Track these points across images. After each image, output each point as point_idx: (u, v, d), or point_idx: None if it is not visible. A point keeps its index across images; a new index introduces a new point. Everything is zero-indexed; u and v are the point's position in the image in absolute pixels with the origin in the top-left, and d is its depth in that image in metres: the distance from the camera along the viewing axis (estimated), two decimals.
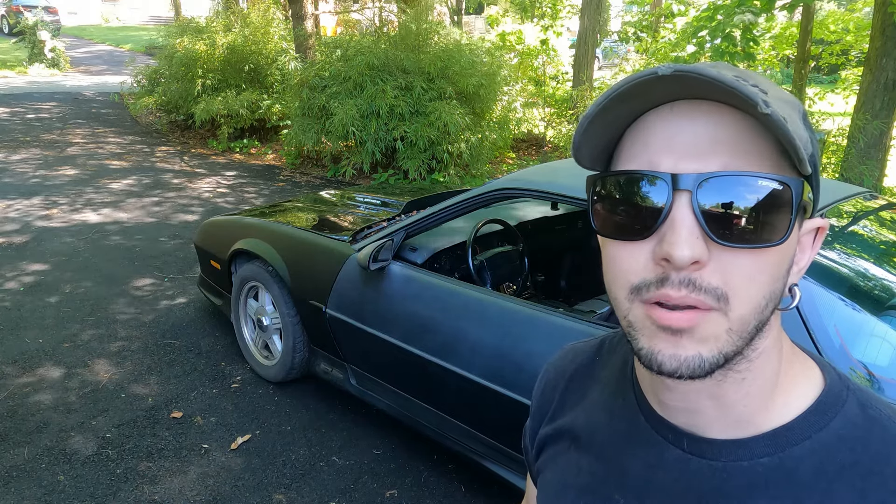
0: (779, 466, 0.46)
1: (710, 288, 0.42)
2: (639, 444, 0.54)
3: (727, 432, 0.48)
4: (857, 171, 5.09)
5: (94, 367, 3.03)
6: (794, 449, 0.47)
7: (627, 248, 0.45)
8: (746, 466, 0.47)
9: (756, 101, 0.38)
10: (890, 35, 4.85)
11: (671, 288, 0.42)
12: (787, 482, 0.46)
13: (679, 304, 0.42)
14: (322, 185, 6.76)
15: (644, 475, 0.53)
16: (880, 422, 0.47)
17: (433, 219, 2.34)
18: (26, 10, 16.11)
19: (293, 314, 2.74)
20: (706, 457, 0.49)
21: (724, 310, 0.42)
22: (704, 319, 0.42)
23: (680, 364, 0.43)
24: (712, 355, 0.43)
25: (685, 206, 0.42)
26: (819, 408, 0.48)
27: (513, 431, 2.04)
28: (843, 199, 2.02)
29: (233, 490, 2.29)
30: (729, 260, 0.42)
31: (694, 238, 0.41)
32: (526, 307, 2.00)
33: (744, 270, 0.42)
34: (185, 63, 8.18)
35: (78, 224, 5.12)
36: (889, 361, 1.52)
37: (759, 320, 0.44)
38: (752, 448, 0.47)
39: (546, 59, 9.55)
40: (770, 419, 0.48)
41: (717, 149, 0.42)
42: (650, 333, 0.44)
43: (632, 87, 0.42)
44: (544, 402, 0.67)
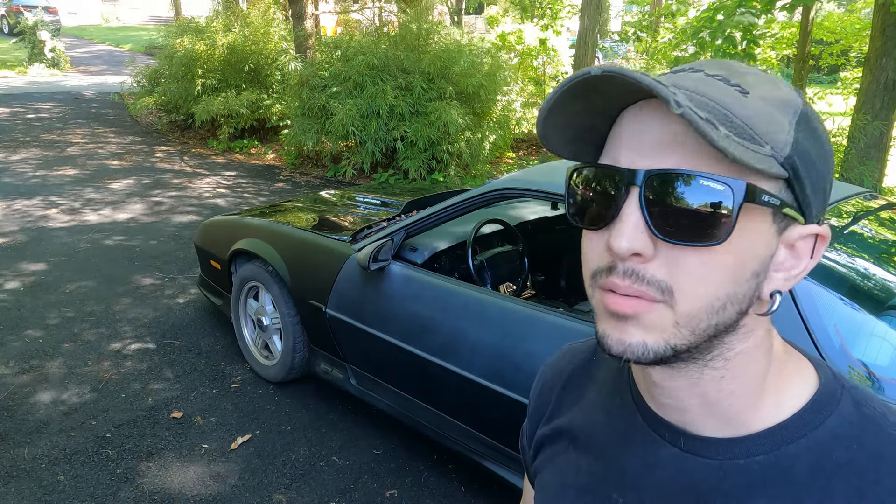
0: (775, 465, 0.47)
1: (653, 280, 0.43)
2: (637, 443, 0.54)
3: (721, 430, 0.49)
4: (857, 171, 5.09)
5: (95, 367, 3.03)
6: (789, 447, 0.47)
7: (591, 237, 0.47)
8: (743, 465, 0.47)
9: (668, 100, 0.39)
10: (890, 35, 4.85)
11: (616, 277, 0.44)
12: (785, 481, 0.46)
13: (624, 293, 0.44)
14: (322, 185, 6.76)
15: (643, 474, 0.53)
16: (875, 420, 0.47)
17: (433, 219, 2.34)
18: (26, 10, 16.12)
19: (293, 314, 2.75)
20: (702, 455, 0.49)
21: (670, 303, 0.43)
22: (649, 309, 0.44)
23: (625, 349, 0.45)
24: (658, 345, 0.44)
25: (634, 201, 0.43)
26: (814, 406, 0.48)
27: (513, 431, 2.04)
28: (843, 199, 2.02)
29: (233, 490, 2.29)
30: (675, 256, 0.43)
31: (638, 232, 0.43)
32: (526, 307, 2.00)
33: (690, 268, 0.43)
34: (185, 63, 8.18)
35: (78, 224, 5.12)
36: (889, 361, 1.52)
37: (716, 321, 0.44)
38: (747, 446, 0.48)
39: (546, 59, 9.56)
40: (763, 418, 0.48)
41: (672, 145, 0.43)
42: (603, 318, 0.46)
43: (573, 86, 0.44)
44: (541, 402, 0.67)
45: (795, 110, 0.45)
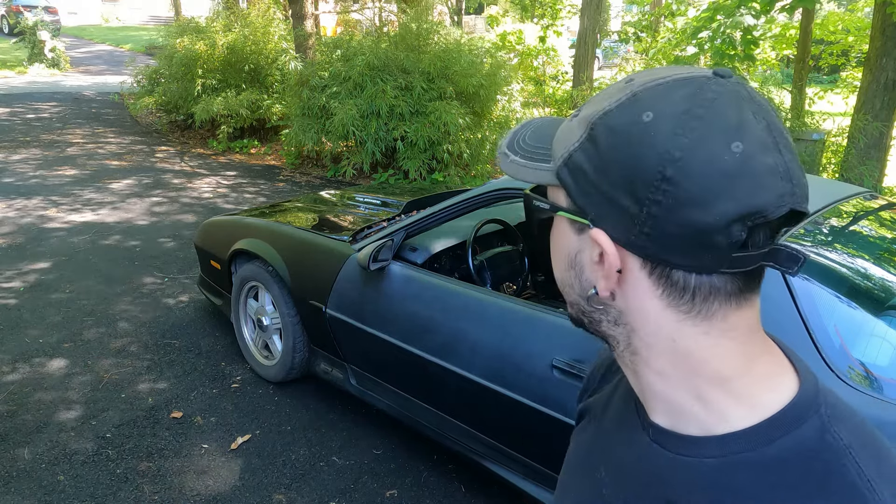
0: (720, 469, 0.47)
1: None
2: (626, 426, 0.57)
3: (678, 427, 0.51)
4: (857, 171, 5.09)
5: (95, 367, 3.03)
6: (736, 456, 0.47)
7: None
8: (691, 462, 0.49)
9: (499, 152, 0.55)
10: (890, 35, 4.85)
11: None
12: (723, 487, 0.47)
13: None
14: (322, 185, 6.76)
15: (622, 454, 0.56)
16: (834, 449, 0.45)
17: (433, 219, 2.34)
18: (26, 10, 16.12)
19: (293, 314, 2.74)
20: (663, 446, 0.51)
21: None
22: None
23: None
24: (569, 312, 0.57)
25: None
26: (774, 423, 0.47)
27: (513, 431, 2.04)
28: (843, 200, 2.02)
29: (233, 490, 2.29)
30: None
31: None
32: (526, 307, 2.00)
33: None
34: (185, 63, 8.18)
35: (78, 224, 5.12)
36: (889, 361, 1.52)
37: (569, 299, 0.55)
38: (700, 447, 0.49)
39: (546, 59, 9.56)
40: (727, 423, 0.48)
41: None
42: None
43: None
44: (589, 381, 0.73)
45: (588, 125, 0.47)
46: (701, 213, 0.42)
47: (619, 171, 0.45)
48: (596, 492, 0.58)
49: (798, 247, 1.69)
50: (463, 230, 2.63)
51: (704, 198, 0.42)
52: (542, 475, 1.98)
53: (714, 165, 0.42)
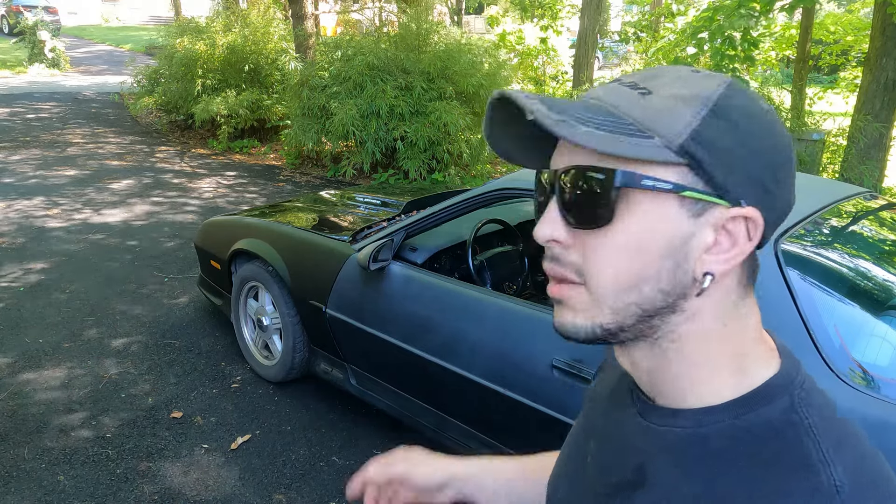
0: (689, 438, 0.50)
1: (568, 262, 0.50)
2: (617, 403, 0.60)
3: (665, 401, 0.53)
4: (857, 171, 5.09)
5: (95, 367, 3.03)
6: (707, 428, 0.50)
7: None
8: (664, 431, 0.52)
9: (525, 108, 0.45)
10: (890, 35, 4.85)
11: (546, 261, 0.52)
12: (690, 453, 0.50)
13: (553, 276, 0.51)
14: (322, 185, 6.76)
15: (609, 427, 0.60)
16: (796, 425, 0.48)
17: (433, 219, 2.34)
18: (26, 10, 16.12)
19: (293, 314, 2.75)
20: (645, 418, 0.55)
21: (587, 284, 0.49)
22: (573, 292, 0.50)
23: (562, 329, 0.52)
24: (585, 325, 0.50)
25: (555, 195, 0.51)
26: (745, 400, 0.50)
27: (513, 431, 2.04)
28: (843, 199, 2.02)
29: (233, 490, 2.29)
30: (583, 241, 0.49)
31: (554, 221, 0.50)
32: (526, 307, 2.00)
33: (595, 250, 0.49)
34: (185, 63, 8.18)
35: (78, 224, 5.12)
36: (889, 361, 1.52)
37: (634, 299, 0.48)
38: (675, 417, 0.52)
39: (546, 59, 9.56)
40: (702, 400, 0.51)
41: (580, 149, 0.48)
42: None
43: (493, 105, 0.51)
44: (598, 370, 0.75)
45: (705, 104, 0.47)
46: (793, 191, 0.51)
47: (765, 152, 0.48)
48: (581, 460, 0.62)
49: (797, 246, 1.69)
50: (463, 230, 2.63)
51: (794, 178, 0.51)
52: None
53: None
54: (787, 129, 4.29)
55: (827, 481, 0.44)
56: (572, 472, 0.63)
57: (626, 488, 0.53)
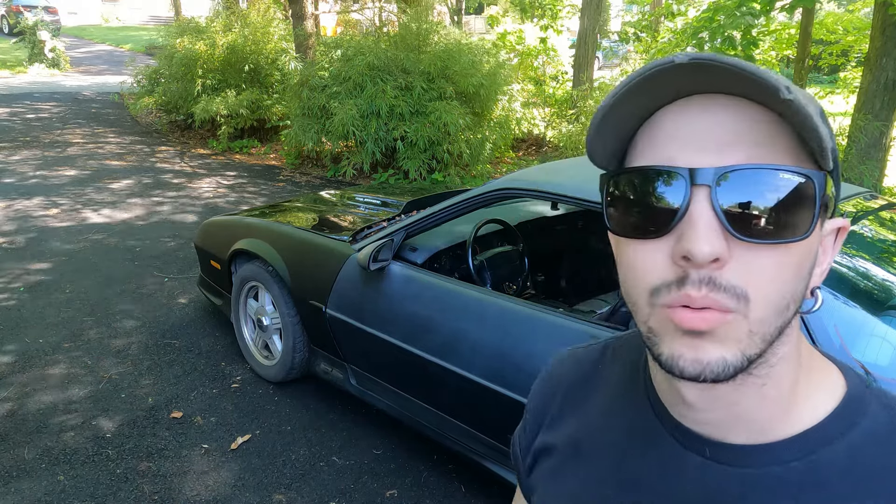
0: (809, 470, 0.45)
1: (729, 286, 0.40)
2: (655, 451, 0.52)
3: (749, 438, 0.47)
4: (857, 171, 5.09)
5: (95, 367, 3.03)
6: (822, 451, 0.45)
7: (645, 249, 0.43)
8: (774, 472, 0.45)
9: (778, 87, 0.38)
10: (890, 35, 4.85)
11: (692, 287, 0.41)
12: (818, 487, 0.44)
13: (700, 304, 0.41)
14: (322, 185, 6.76)
15: (661, 482, 0.51)
16: None
17: (433, 219, 2.34)
18: (26, 10, 16.11)
19: (293, 314, 2.74)
20: (728, 463, 0.47)
21: (744, 311, 0.41)
22: (724, 321, 0.41)
23: (703, 368, 0.42)
24: (736, 359, 0.42)
25: (704, 202, 0.41)
26: (844, 410, 0.46)
27: (512, 431, 2.04)
28: (843, 199, 2.02)
29: (233, 490, 2.29)
30: (750, 258, 0.41)
31: (713, 234, 0.40)
32: (526, 307, 2.00)
33: (765, 269, 0.41)
34: (185, 63, 8.18)
35: (78, 224, 5.12)
36: (889, 361, 1.52)
37: (781, 323, 0.42)
38: (779, 452, 0.46)
39: (546, 59, 9.56)
40: (794, 424, 0.46)
41: (735, 141, 0.41)
42: (673, 338, 0.43)
43: (647, 78, 0.41)
44: (540, 410, 0.65)
45: (817, 103, 0.43)
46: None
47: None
48: None
49: None
50: (463, 230, 2.63)
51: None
52: None
53: None
54: None
55: None
56: None
57: None
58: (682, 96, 0.43)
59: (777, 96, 0.38)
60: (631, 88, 0.42)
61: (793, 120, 0.40)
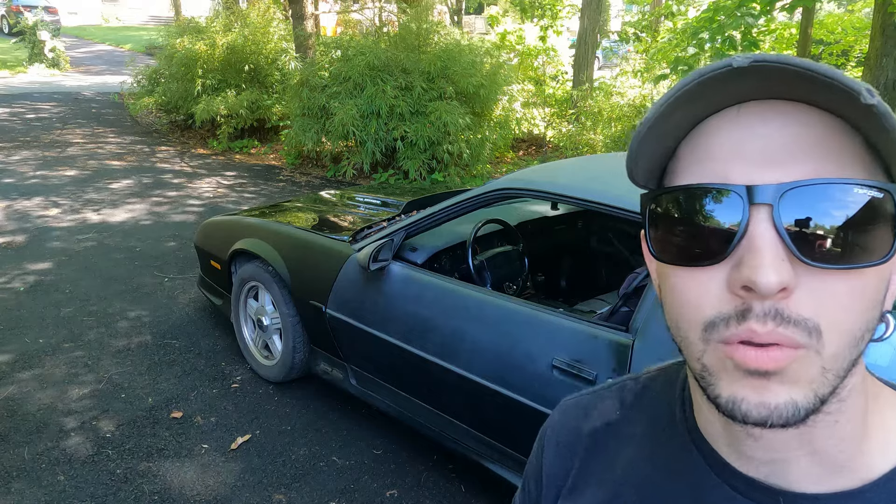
0: None
1: (800, 319, 0.35)
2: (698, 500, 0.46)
3: (826, 484, 0.41)
4: None
5: (95, 367, 3.03)
6: None
7: (696, 277, 0.38)
8: None
9: (860, 90, 0.33)
10: (890, 35, 4.85)
11: (756, 322, 0.36)
12: None
13: (766, 342, 0.36)
14: (322, 185, 6.76)
15: None
16: None
17: (433, 219, 2.34)
18: (26, 10, 16.10)
19: (293, 314, 2.74)
20: None
21: (816, 346, 0.36)
22: (795, 358, 0.36)
23: (770, 413, 0.36)
24: (808, 400, 0.36)
25: (766, 223, 0.36)
26: None
27: (513, 431, 2.04)
28: None
29: (233, 490, 2.29)
30: (820, 285, 0.36)
31: (779, 260, 0.35)
32: (526, 307, 2.00)
33: (838, 296, 0.36)
34: (185, 63, 8.18)
35: (78, 224, 5.12)
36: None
37: (855, 355, 0.38)
38: (867, 498, 0.40)
39: (546, 59, 9.56)
40: (873, 464, 0.41)
41: (799, 154, 0.36)
42: (731, 378, 0.37)
43: (701, 83, 0.36)
44: (558, 468, 0.57)
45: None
46: None
47: None
48: None
49: None
50: (463, 230, 2.63)
51: None
52: None
53: None
54: None
55: None
56: None
57: None
58: (732, 103, 0.38)
59: (857, 101, 0.33)
60: (681, 97, 0.37)
61: (871, 127, 0.35)
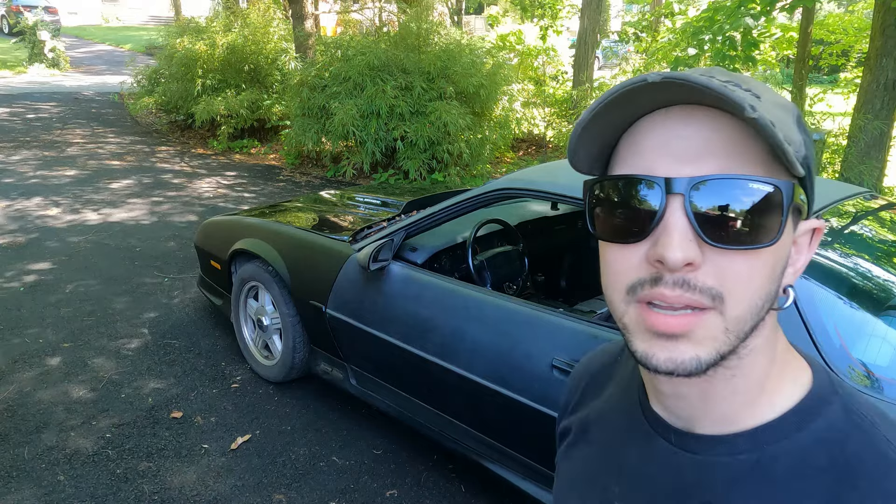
0: (756, 464, 0.48)
1: (704, 288, 0.43)
2: (636, 438, 0.56)
3: (713, 428, 0.50)
4: (857, 171, 5.09)
5: (95, 367, 3.03)
6: (771, 447, 0.48)
7: (623, 252, 0.46)
8: (726, 462, 0.49)
9: (743, 105, 0.40)
10: (890, 35, 4.85)
11: (666, 288, 0.43)
12: (763, 479, 0.47)
13: (674, 304, 0.43)
14: (322, 185, 6.76)
15: (638, 467, 0.55)
16: (862, 427, 0.47)
17: (433, 219, 2.34)
18: (26, 10, 16.11)
19: (293, 314, 2.74)
20: (691, 451, 0.51)
21: (720, 309, 0.43)
22: (700, 321, 0.44)
23: (677, 366, 0.44)
24: (709, 356, 0.44)
25: (678, 210, 0.43)
26: (801, 409, 0.49)
27: (513, 431, 2.04)
28: (843, 199, 2.02)
29: (233, 490, 2.29)
30: (723, 261, 0.43)
31: (687, 241, 0.43)
32: (526, 307, 2.00)
33: (738, 271, 0.43)
34: (185, 63, 8.18)
35: (78, 224, 5.12)
36: (889, 361, 1.52)
37: (755, 320, 0.45)
38: (732, 444, 0.49)
39: (546, 59, 9.56)
40: (754, 417, 0.49)
41: (710, 152, 0.43)
42: (645, 338, 0.45)
43: (622, 94, 0.44)
44: (568, 396, 0.71)
45: (794, 112, 0.46)
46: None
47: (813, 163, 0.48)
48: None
49: None
50: (463, 230, 2.63)
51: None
52: (541, 475, 1.98)
53: None
54: None
55: None
56: None
57: None
58: (662, 106, 0.46)
59: (742, 115, 0.40)
60: (607, 105, 0.45)
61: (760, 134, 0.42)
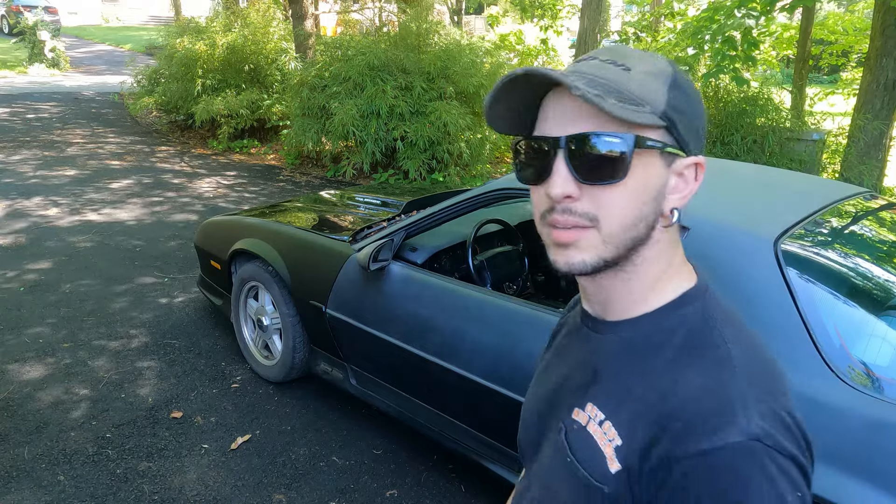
0: (630, 340, 0.66)
1: (583, 213, 0.61)
2: (573, 329, 0.77)
3: (615, 316, 0.68)
4: (857, 171, 5.09)
5: (95, 367, 3.03)
6: (643, 329, 0.66)
7: (536, 190, 0.64)
8: (613, 339, 0.68)
9: (570, 86, 0.56)
10: (890, 35, 4.85)
11: (557, 214, 0.61)
12: (633, 351, 0.65)
13: (564, 225, 0.61)
14: (322, 185, 6.76)
15: (565, 344, 0.78)
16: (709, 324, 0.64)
17: (433, 219, 2.34)
18: (26, 10, 16.12)
19: (293, 314, 2.75)
20: (598, 332, 0.70)
21: (598, 227, 0.61)
22: (583, 235, 0.61)
23: (570, 267, 0.63)
24: (593, 259, 0.62)
25: (561, 159, 0.60)
26: (672, 305, 0.66)
27: (513, 431, 2.04)
28: (843, 199, 2.02)
29: (233, 490, 2.29)
30: (597, 193, 0.60)
31: (566, 181, 0.60)
32: (526, 307, 2.00)
33: (608, 199, 0.60)
34: (185, 63, 8.18)
35: (78, 224, 5.12)
36: (889, 361, 1.52)
37: (633, 235, 0.62)
38: (621, 327, 0.68)
39: (546, 59, 9.56)
40: (641, 310, 0.67)
41: (581, 117, 0.60)
42: (552, 248, 0.64)
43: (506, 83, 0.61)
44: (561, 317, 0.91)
45: (668, 77, 0.62)
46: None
47: (701, 113, 0.65)
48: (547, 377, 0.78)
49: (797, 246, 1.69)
50: (463, 230, 2.63)
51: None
52: None
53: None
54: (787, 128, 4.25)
55: (725, 354, 0.61)
56: (540, 385, 0.79)
57: (585, 386, 0.68)
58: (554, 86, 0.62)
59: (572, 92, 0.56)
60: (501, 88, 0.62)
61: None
